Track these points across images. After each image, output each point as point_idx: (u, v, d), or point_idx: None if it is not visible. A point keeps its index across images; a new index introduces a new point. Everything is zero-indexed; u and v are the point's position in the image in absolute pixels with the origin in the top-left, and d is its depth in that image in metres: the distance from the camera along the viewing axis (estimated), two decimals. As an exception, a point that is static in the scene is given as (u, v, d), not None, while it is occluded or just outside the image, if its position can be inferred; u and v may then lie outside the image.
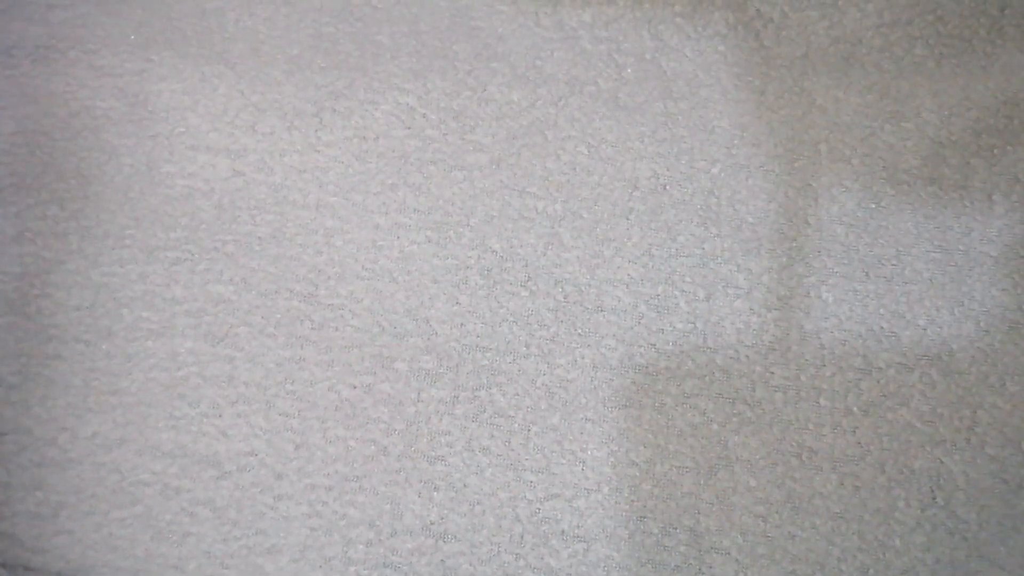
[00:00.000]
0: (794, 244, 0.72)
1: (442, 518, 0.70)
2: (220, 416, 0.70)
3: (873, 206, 0.73)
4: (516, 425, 0.71)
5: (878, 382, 0.71)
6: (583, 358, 0.71)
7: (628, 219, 0.72)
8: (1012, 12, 0.73)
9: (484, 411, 0.71)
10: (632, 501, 0.70)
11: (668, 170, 0.73)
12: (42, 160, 0.72)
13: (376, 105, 0.72)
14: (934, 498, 0.71)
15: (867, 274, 0.72)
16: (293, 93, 0.72)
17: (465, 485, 0.70)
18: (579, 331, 0.72)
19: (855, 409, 0.71)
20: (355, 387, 0.70)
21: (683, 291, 0.72)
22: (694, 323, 0.72)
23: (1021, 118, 0.73)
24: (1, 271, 0.71)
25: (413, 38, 0.73)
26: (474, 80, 0.73)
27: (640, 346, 0.72)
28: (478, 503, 0.70)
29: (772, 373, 0.71)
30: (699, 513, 0.70)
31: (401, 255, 0.72)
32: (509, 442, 0.71)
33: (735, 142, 0.73)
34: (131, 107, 0.72)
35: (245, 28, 0.72)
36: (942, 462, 0.71)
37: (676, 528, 0.70)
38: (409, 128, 0.72)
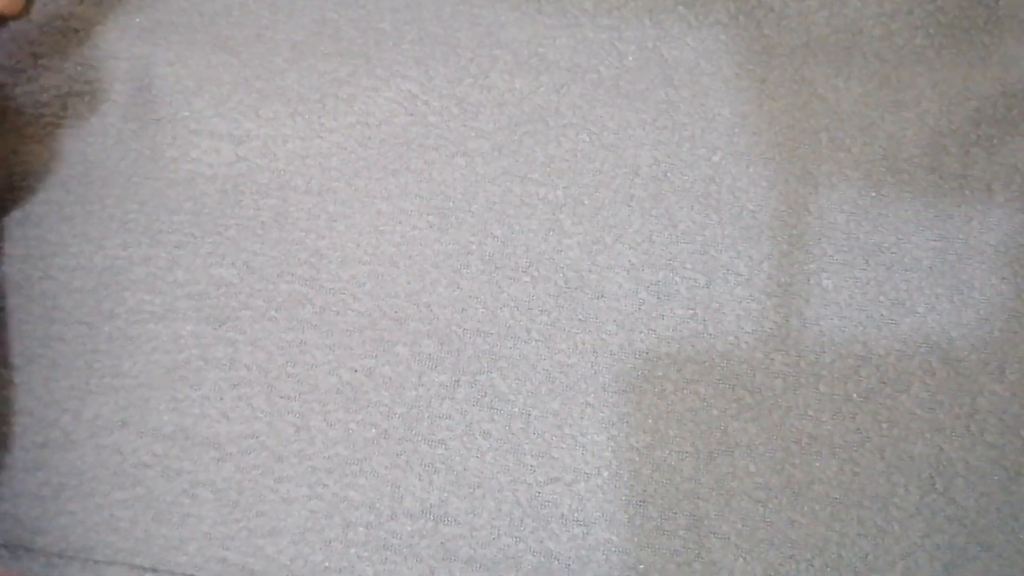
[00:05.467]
0: (794, 232, 0.73)
1: (442, 501, 0.70)
2: (221, 399, 0.70)
3: (873, 194, 0.73)
4: (516, 409, 0.71)
5: (878, 369, 0.72)
6: (583, 343, 0.72)
7: (629, 206, 0.73)
8: (1009, 2, 0.74)
9: (485, 395, 0.71)
10: (632, 486, 0.70)
11: (669, 157, 0.73)
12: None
13: (379, 92, 0.73)
14: (933, 484, 0.71)
15: (867, 262, 0.72)
16: (296, 80, 0.73)
17: (465, 468, 0.70)
18: (580, 316, 0.72)
19: (855, 396, 0.71)
20: (356, 370, 0.71)
21: (683, 277, 0.72)
22: (694, 309, 0.72)
23: (1020, 108, 0.74)
24: (5, 253, 0.71)
25: (415, 25, 0.73)
26: (476, 67, 0.73)
27: (640, 332, 0.72)
28: (478, 486, 0.70)
29: (772, 359, 0.72)
30: (698, 498, 0.70)
31: (403, 240, 0.72)
32: (509, 426, 0.71)
33: (736, 130, 0.73)
34: (137, 91, 0.72)
35: (249, 12, 0.73)
36: (941, 449, 0.71)
37: (676, 513, 0.70)
38: (411, 115, 0.73)
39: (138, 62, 0.72)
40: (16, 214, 0.71)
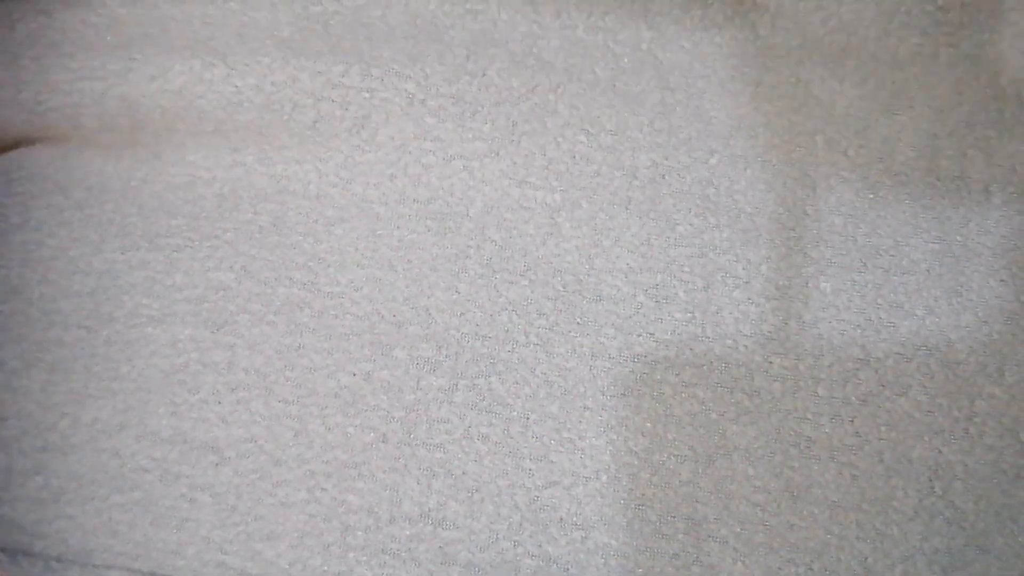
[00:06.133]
0: (792, 234, 0.73)
1: (441, 505, 0.70)
2: (220, 403, 0.70)
3: (871, 196, 0.73)
4: (515, 413, 0.71)
5: (876, 372, 0.72)
6: (582, 347, 0.72)
7: (627, 209, 0.73)
8: (1006, 2, 0.74)
9: (483, 399, 0.71)
10: (630, 489, 0.70)
11: (667, 160, 0.73)
12: (46, 151, 0.72)
13: (374, 92, 0.72)
14: (932, 488, 0.71)
15: (865, 264, 0.72)
16: (288, 83, 0.72)
17: (464, 472, 0.70)
18: (578, 320, 0.72)
19: (853, 399, 0.71)
20: (354, 374, 0.71)
21: (682, 281, 0.72)
22: (692, 313, 0.72)
23: (1013, 110, 0.74)
24: (3, 257, 0.71)
25: (408, 21, 0.73)
26: (473, 65, 0.73)
27: (639, 335, 0.72)
28: (477, 490, 0.70)
29: (770, 363, 0.72)
30: (697, 502, 0.70)
31: (401, 244, 0.72)
32: (508, 430, 0.71)
33: (732, 133, 0.73)
34: (119, 112, 0.71)
35: (228, 11, 0.72)
36: (940, 452, 0.71)
37: (674, 516, 0.70)
38: (407, 115, 0.73)
39: (115, 80, 0.71)
40: (13, 218, 0.71)
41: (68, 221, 0.71)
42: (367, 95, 0.72)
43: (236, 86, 0.72)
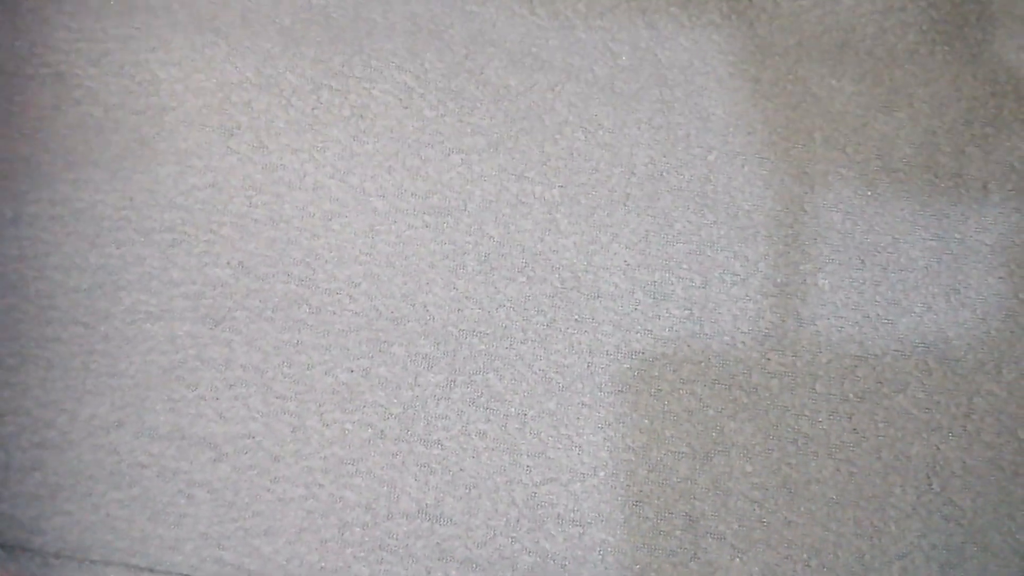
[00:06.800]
0: (790, 231, 0.73)
1: (438, 501, 0.70)
2: (218, 399, 0.70)
3: (869, 193, 0.73)
4: (513, 409, 0.71)
5: (874, 369, 0.72)
6: (580, 343, 0.72)
7: (625, 205, 0.73)
8: (1001, 0, 0.74)
9: (481, 395, 0.71)
10: (628, 486, 0.70)
11: (665, 157, 0.73)
12: (33, 140, 0.72)
13: (374, 83, 0.72)
14: (930, 484, 0.71)
15: (863, 262, 0.72)
16: (288, 68, 0.72)
17: (461, 469, 0.70)
18: (576, 317, 0.72)
19: (851, 396, 0.71)
20: (352, 371, 0.71)
21: (680, 277, 0.72)
22: (691, 309, 0.72)
23: (1011, 107, 0.74)
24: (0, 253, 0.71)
25: (408, 19, 0.73)
26: (471, 63, 0.73)
27: (637, 332, 0.72)
28: (474, 487, 0.70)
29: (768, 359, 0.72)
30: (695, 498, 0.70)
31: (399, 240, 0.72)
32: (505, 426, 0.71)
33: (730, 130, 0.73)
34: (116, 77, 0.72)
35: None
36: (938, 449, 0.71)
37: (672, 513, 0.70)
38: (407, 108, 0.73)
39: (115, 45, 0.71)
40: (8, 213, 0.71)
41: (60, 216, 0.71)
42: (367, 85, 0.72)
43: (236, 65, 0.72)
